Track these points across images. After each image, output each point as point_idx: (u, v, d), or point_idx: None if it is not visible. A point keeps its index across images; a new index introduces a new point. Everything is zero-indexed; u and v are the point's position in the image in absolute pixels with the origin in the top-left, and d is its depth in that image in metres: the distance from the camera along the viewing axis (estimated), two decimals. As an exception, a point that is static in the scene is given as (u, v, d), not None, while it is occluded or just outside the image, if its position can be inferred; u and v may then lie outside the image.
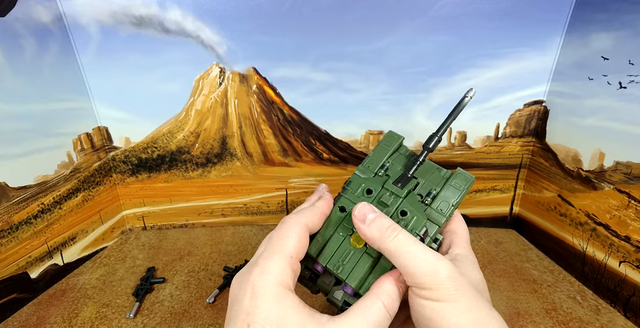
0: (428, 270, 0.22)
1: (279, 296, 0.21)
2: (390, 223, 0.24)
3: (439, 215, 0.27)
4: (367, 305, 0.23)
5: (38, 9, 0.48)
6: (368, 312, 0.22)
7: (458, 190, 0.28)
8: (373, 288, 0.24)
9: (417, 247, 0.23)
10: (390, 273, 0.25)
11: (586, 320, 0.44)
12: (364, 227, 0.25)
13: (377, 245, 0.24)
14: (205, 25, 0.53)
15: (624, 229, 0.45)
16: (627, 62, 0.43)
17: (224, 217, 0.69)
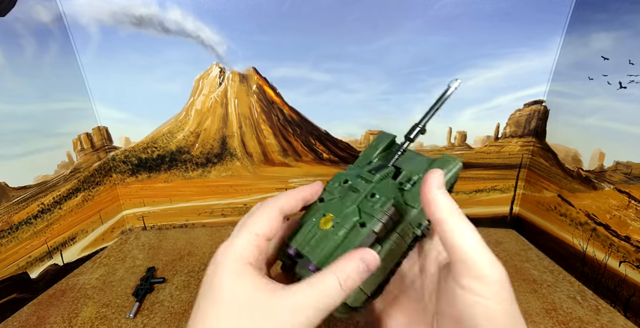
0: (492, 265, 0.21)
1: (237, 271, 0.22)
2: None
3: (414, 197, 0.26)
4: (320, 276, 0.22)
5: (38, 9, 0.48)
6: (318, 283, 0.22)
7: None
8: (332, 263, 0.23)
9: (479, 238, 0.22)
10: (354, 251, 0.24)
11: (586, 320, 0.44)
12: (436, 194, 0.23)
13: (444, 216, 0.23)
14: (205, 25, 0.53)
15: (624, 229, 0.45)
16: (627, 62, 0.43)
17: (224, 217, 0.69)
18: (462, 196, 0.65)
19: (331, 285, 0.22)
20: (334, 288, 0.22)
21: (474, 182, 0.64)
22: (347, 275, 0.23)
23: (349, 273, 0.23)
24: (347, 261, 0.23)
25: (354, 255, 0.23)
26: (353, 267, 0.23)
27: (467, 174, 0.64)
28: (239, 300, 0.21)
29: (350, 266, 0.23)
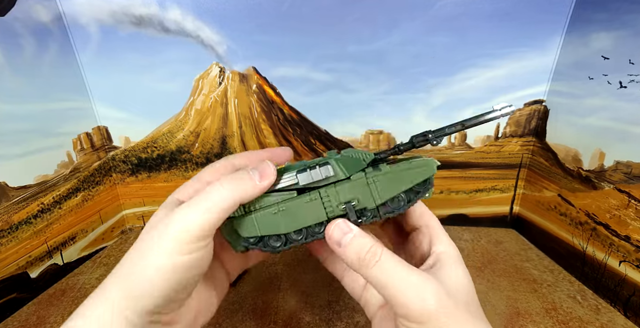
0: (414, 300, 0.21)
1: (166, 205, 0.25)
2: (370, 245, 0.23)
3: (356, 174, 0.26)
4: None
5: (37, 9, 0.48)
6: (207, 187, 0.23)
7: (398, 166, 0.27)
8: None
9: (401, 271, 0.22)
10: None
11: (586, 319, 0.44)
12: (339, 251, 0.24)
13: (356, 270, 0.23)
14: (205, 25, 0.53)
15: (624, 229, 0.45)
16: (628, 62, 0.43)
17: (224, 216, 0.69)
18: (462, 196, 0.65)
19: (212, 186, 0.23)
20: (215, 185, 0.23)
21: (474, 182, 0.64)
22: (233, 177, 0.23)
23: (234, 175, 0.24)
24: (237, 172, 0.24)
25: (247, 168, 0.24)
26: (241, 172, 0.24)
27: (467, 174, 0.64)
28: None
29: (238, 173, 0.24)
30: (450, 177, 0.64)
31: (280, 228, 0.26)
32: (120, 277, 0.22)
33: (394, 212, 0.26)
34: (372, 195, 0.26)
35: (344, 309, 0.46)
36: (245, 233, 0.26)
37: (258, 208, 0.26)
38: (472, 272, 0.54)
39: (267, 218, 0.26)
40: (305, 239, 0.26)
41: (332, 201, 0.26)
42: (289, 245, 0.27)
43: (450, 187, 0.65)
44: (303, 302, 0.47)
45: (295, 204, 0.25)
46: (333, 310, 0.46)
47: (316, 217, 0.26)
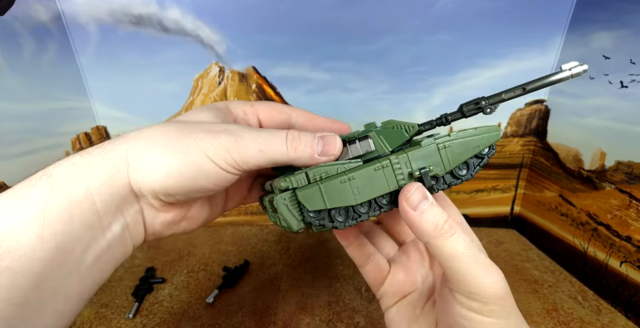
0: (485, 282, 0.21)
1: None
2: (447, 217, 0.23)
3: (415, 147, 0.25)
4: (275, 130, 0.23)
5: (37, 8, 0.48)
6: (268, 130, 0.23)
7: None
8: None
9: (472, 250, 0.22)
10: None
11: (587, 320, 0.44)
12: (414, 216, 0.23)
13: (426, 239, 0.22)
14: (205, 24, 0.53)
15: (625, 229, 0.44)
16: (629, 61, 0.43)
17: (224, 216, 0.68)
18: (463, 196, 0.65)
19: (278, 135, 0.23)
20: (278, 138, 0.23)
21: (475, 182, 0.64)
22: (297, 136, 0.23)
23: (301, 136, 0.23)
24: (304, 131, 0.24)
25: (315, 132, 0.24)
26: (307, 136, 0.24)
27: (467, 174, 0.63)
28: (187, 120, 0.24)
29: (306, 134, 0.24)
30: (451, 177, 0.64)
31: (350, 199, 0.24)
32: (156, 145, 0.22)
33: (461, 180, 0.26)
34: (443, 161, 0.25)
35: (343, 310, 0.46)
36: (311, 206, 0.23)
37: (324, 177, 0.23)
38: (473, 273, 0.54)
39: (335, 189, 0.23)
40: (373, 212, 0.25)
41: (403, 169, 0.24)
42: (355, 220, 0.25)
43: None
44: (303, 303, 0.47)
45: (364, 173, 0.24)
46: (333, 311, 0.46)
47: (387, 186, 0.24)
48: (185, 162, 0.21)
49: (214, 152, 0.21)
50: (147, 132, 0.22)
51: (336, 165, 0.24)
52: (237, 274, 0.53)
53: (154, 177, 0.21)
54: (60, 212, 0.18)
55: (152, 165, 0.21)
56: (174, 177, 0.21)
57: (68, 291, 0.19)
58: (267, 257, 0.58)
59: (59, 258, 0.18)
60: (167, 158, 0.21)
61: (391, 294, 0.29)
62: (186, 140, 0.21)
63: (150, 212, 0.23)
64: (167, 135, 0.22)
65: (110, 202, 0.20)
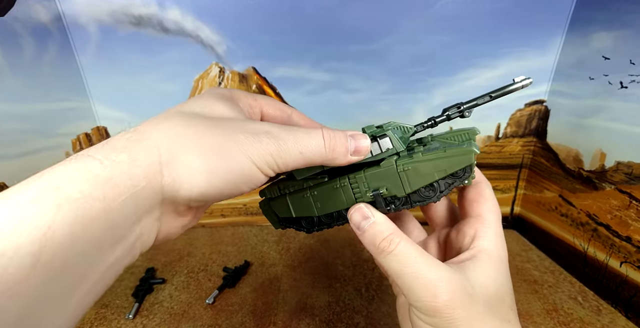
0: (425, 294, 0.21)
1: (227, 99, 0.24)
2: (388, 233, 0.23)
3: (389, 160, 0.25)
4: (309, 129, 0.22)
5: (37, 9, 0.48)
6: (303, 129, 0.22)
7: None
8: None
9: (417, 263, 0.22)
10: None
11: (587, 320, 0.44)
12: (359, 235, 0.24)
13: (374, 257, 0.24)
14: (205, 25, 0.53)
15: (625, 229, 0.44)
16: (629, 62, 0.43)
17: (224, 217, 0.68)
18: (463, 196, 0.65)
19: (315, 135, 0.22)
20: (316, 139, 0.22)
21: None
22: (333, 136, 0.22)
23: (336, 136, 0.23)
24: (335, 130, 0.23)
25: (345, 131, 0.24)
26: (341, 135, 0.23)
27: (467, 174, 0.63)
28: (204, 113, 0.21)
29: (339, 134, 0.23)
30: (451, 178, 0.64)
31: (312, 211, 0.27)
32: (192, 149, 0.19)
33: (425, 201, 0.25)
34: (402, 183, 0.25)
35: (343, 310, 0.46)
36: (281, 214, 0.28)
37: (292, 190, 0.27)
38: (473, 273, 0.54)
39: (299, 201, 0.27)
40: (335, 222, 0.27)
41: (361, 187, 0.26)
42: (321, 227, 0.28)
43: (450, 187, 0.64)
44: (303, 303, 0.47)
45: (325, 190, 0.26)
46: (333, 311, 0.46)
47: (345, 202, 0.26)
48: (230, 169, 0.19)
49: (259, 157, 0.20)
50: (176, 130, 0.20)
51: (303, 181, 0.27)
52: (237, 275, 0.53)
53: (194, 185, 0.19)
54: (65, 236, 0.15)
55: (193, 173, 0.19)
56: (217, 184, 0.19)
57: (59, 314, 0.16)
58: (267, 257, 0.58)
59: (54, 288, 0.15)
60: (211, 164, 0.19)
61: None
62: (229, 143, 0.19)
63: (169, 218, 0.21)
64: (202, 135, 0.19)
65: (130, 215, 0.17)
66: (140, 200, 0.18)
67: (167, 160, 0.18)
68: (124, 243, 0.18)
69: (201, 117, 0.21)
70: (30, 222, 0.14)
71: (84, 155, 0.17)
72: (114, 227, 0.17)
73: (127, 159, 0.17)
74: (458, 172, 0.25)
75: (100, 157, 0.17)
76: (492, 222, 0.27)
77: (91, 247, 0.16)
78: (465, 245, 0.26)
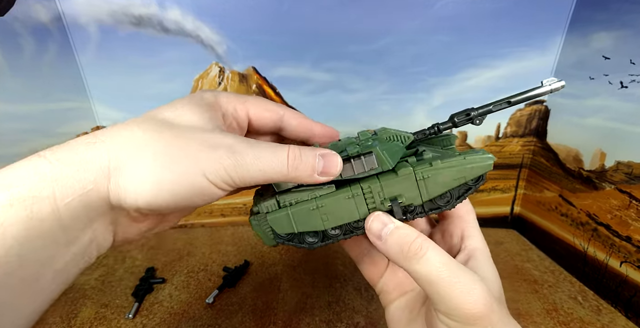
0: (465, 301, 0.20)
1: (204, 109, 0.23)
2: (414, 236, 0.22)
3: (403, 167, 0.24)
4: (276, 145, 0.21)
5: (37, 9, 0.48)
6: (269, 146, 0.21)
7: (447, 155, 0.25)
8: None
9: (450, 268, 0.21)
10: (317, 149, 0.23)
11: (587, 320, 0.44)
12: (380, 245, 0.23)
13: (399, 264, 0.22)
14: (205, 25, 0.53)
15: (625, 229, 0.44)
16: (629, 62, 0.43)
17: (224, 217, 0.68)
18: (463, 196, 0.65)
19: (279, 153, 0.21)
20: (279, 157, 0.21)
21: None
22: (299, 155, 0.21)
23: (302, 155, 0.22)
24: (304, 148, 0.22)
25: (314, 149, 0.23)
26: (309, 154, 0.22)
27: (467, 174, 0.63)
28: (173, 121, 0.21)
29: (307, 153, 0.22)
30: (451, 178, 0.64)
31: (318, 225, 0.24)
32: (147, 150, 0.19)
33: (441, 209, 0.25)
34: (420, 191, 0.24)
35: (344, 310, 0.46)
36: (280, 230, 0.25)
37: (294, 203, 0.24)
38: (473, 273, 0.54)
39: (304, 215, 0.24)
40: (344, 235, 0.25)
41: (375, 197, 0.24)
42: (326, 242, 0.25)
43: (450, 187, 0.64)
44: (303, 303, 0.47)
45: (334, 200, 0.24)
46: (333, 311, 0.46)
47: (357, 213, 0.24)
48: (178, 182, 0.19)
49: (212, 172, 0.19)
50: (131, 137, 0.19)
51: (307, 191, 0.24)
52: (237, 274, 0.53)
53: (139, 194, 0.18)
54: (18, 232, 0.15)
55: (138, 181, 0.18)
56: (164, 195, 0.19)
57: (15, 312, 0.16)
58: (267, 257, 0.58)
59: (11, 281, 0.15)
60: (157, 175, 0.19)
61: (389, 291, 0.29)
62: (180, 155, 0.19)
63: (124, 222, 0.21)
64: (156, 144, 0.19)
65: (80, 216, 0.18)
66: (87, 203, 0.18)
67: (115, 166, 0.18)
68: (77, 244, 0.18)
69: (166, 125, 0.20)
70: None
71: (36, 155, 0.18)
72: (66, 228, 0.17)
73: (76, 162, 0.17)
74: (472, 180, 0.24)
75: (51, 157, 0.18)
76: (474, 221, 0.28)
77: (44, 246, 0.16)
78: (455, 246, 0.26)
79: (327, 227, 0.25)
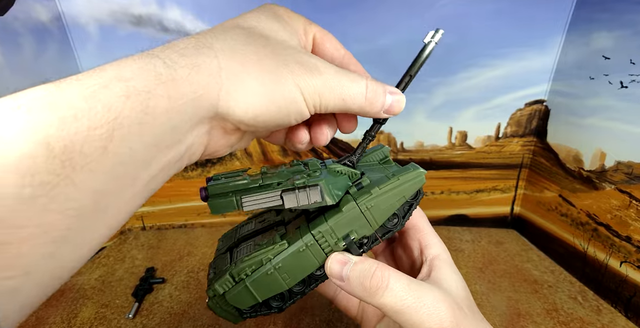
0: (432, 322, 0.21)
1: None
2: (373, 269, 0.22)
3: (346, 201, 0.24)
4: (351, 73, 0.22)
5: (37, 8, 0.48)
6: (348, 73, 0.21)
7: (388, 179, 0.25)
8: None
9: (413, 293, 0.21)
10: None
11: (587, 320, 0.44)
12: (343, 286, 0.23)
13: (367, 301, 0.22)
14: (205, 24, 0.53)
15: (625, 229, 0.44)
16: (629, 62, 0.43)
17: (224, 217, 0.68)
18: (463, 196, 0.65)
19: (359, 84, 0.21)
20: (359, 88, 0.21)
21: (475, 182, 0.64)
22: (374, 89, 0.22)
23: (377, 89, 0.22)
24: (377, 83, 0.22)
25: (383, 85, 0.23)
26: (380, 90, 0.22)
27: (467, 174, 0.63)
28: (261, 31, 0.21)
29: (379, 88, 0.22)
30: (451, 178, 0.64)
31: (281, 286, 0.24)
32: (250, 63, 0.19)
33: (392, 231, 0.25)
34: (369, 221, 0.24)
35: (344, 310, 0.46)
36: (244, 305, 0.24)
37: (249, 273, 0.24)
38: (473, 273, 0.54)
39: (263, 281, 0.23)
40: (309, 287, 0.25)
41: (329, 240, 0.24)
42: (292, 300, 0.25)
43: (450, 187, 0.64)
44: (303, 303, 0.47)
45: (290, 256, 0.23)
46: (333, 311, 0.46)
47: (316, 261, 0.24)
48: (285, 96, 0.19)
49: (309, 94, 0.20)
50: (236, 45, 0.19)
51: (260, 256, 0.24)
52: (237, 274, 0.53)
53: (249, 107, 0.19)
54: (132, 126, 0.15)
55: (250, 94, 0.18)
56: (272, 109, 0.19)
57: (120, 207, 0.17)
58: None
59: (120, 174, 0.16)
60: (268, 90, 0.19)
61: (369, 318, 0.29)
62: (284, 72, 0.19)
63: (218, 133, 0.21)
64: (260, 57, 0.19)
65: (188, 121, 0.18)
66: (197, 109, 0.18)
67: (227, 75, 0.18)
68: (177, 149, 0.18)
69: (258, 36, 0.20)
70: (102, 105, 0.15)
71: (149, 54, 0.18)
72: (174, 129, 0.17)
73: (189, 65, 0.17)
74: (411, 197, 0.25)
75: (164, 57, 0.17)
76: (427, 227, 0.27)
77: (152, 144, 0.16)
78: (417, 259, 0.27)
79: (291, 285, 0.24)
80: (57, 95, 0.14)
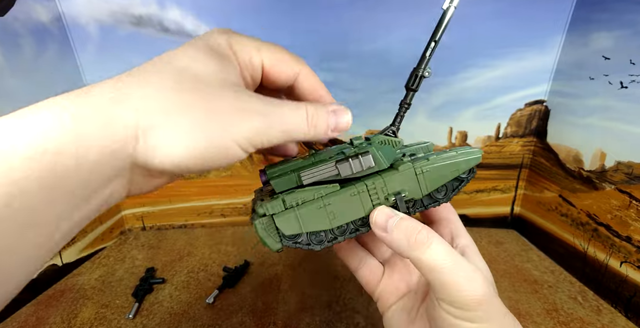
0: (469, 287, 0.21)
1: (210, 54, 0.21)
2: (420, 228, 0.23)
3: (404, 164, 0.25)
4: (291, 103, 0.21)
5: (37, 9, 0.48)
6: (287, 103, 0.21)
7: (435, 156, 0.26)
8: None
9: (453, 258, 0.22)
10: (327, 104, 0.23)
11: (587, 320, 0.44)
12: (386, 236, 0.23)
13: (405, 254, 0.23)
14: (205, 24, 0.53)
15: (625, 229, 0.44)
16: (629, 62, 0.43)
17: (224, 217, 0.68)
18: (463, 196, 0.65)
19: (298, 112, 0.21)
20: (300, 117, 0.21)
21: (475, 182, 0.64)
22: (315, 112, 0.22)
23: (318, 112, 0.22)
24: (317, 106, 0.22)
25: (325, 105, 0.23)
26: (322, 111, 0.22)
27: (467, 174, 0.63)
28: (194, 72, 0.19)
29: (320, 110, 0.22)
30: (451, 178, 0.64)
31: (325, 224, 0.25)
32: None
33: (438, 202, 0.26)
34: (420, 186, 0.25)
35: (343, 310, 0.46)
36: (288, 231, 0.25)
37: (300, 203, 0.24)
38: (473, 273, 0.54)
39: (311, 214, 0.24)
40: (349, 234, 0.26)
41: (379, 193, 0.25)
42: (330, 242, 0.26)
43: (450, 187, 0.64)
44: (303, 303, 0.47)
45: (340, 198, 0.24)
46: (333, 311, 0.46)
47: (363, 210, 0.25)
48: (210, 146, 0.18)
49: (244, 138, 0.19)
50: (159, 92, 0.18)
51: (312, 191, 0.24)
52: (237, 274, 0.53)
53: (170, 156, 0.18)
54: (42, 184, 0.15)
55: (171, 144, 0.18)
56: (194, 159, 0.18)
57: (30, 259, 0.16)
58: (267, 257, 0.58)
59: (17, 235, 0.15)
60: (191, 139, 0.18)
61: (387, 296, 0.29)
62: (214, 119, 0.18)
63: (141, 180, 0.20)
64: (189, 104, 0.18)
65: (103, 174, 0.17)
66: (113, 162, 0.17)
67: (144, 128, 0.17)
68: (96, 199, 0.18)
69: (190, 78, 0.19)
70: (4, 170, 0.14)
71: (57, 106, 0.18)
72: (87, 185, 0.17)
73: (101, 118, 0.17)
74: (464, 173, 0.26)
75: (74, 111, 0.17)
76: (458, 221, 0.29)
77: (65, 199, 0.16)
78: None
79: (334, 226, 0.25)
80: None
